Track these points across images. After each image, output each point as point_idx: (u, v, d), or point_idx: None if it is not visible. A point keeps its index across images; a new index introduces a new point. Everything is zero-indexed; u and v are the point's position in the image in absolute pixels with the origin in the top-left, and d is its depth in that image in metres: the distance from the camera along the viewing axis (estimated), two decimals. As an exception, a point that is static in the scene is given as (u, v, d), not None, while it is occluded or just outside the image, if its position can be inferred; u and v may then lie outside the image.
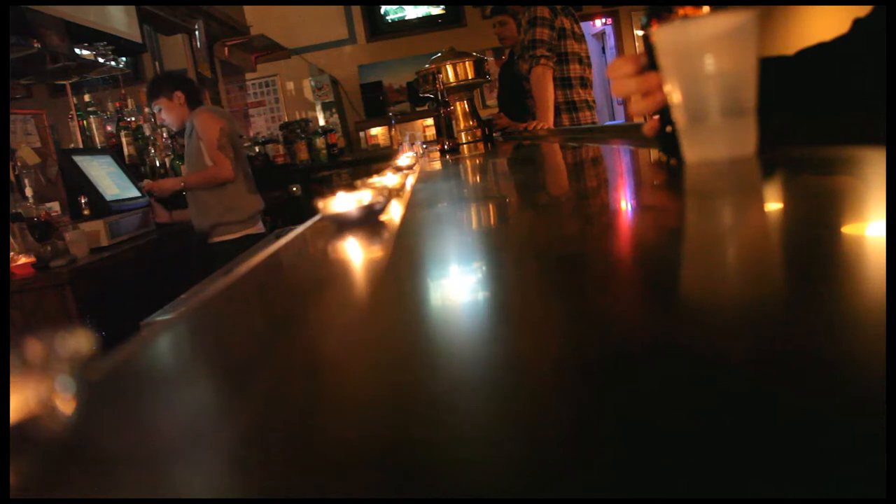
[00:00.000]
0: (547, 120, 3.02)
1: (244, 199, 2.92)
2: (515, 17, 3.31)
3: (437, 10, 6.18)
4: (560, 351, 0.25)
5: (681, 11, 0.65)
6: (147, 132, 3.17)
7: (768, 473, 0.14)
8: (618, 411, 0.18)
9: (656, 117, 0.74)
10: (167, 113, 2.85)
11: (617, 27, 6.49)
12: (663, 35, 0.65)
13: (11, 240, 2.06)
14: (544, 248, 0.47)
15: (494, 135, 3.13)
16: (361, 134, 5.81)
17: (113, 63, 2.96)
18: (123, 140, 3.09)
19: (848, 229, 0.36)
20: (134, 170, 3.00)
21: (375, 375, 0.25)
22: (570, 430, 0.18)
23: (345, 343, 0.31)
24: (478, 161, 2.02)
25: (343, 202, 0.70)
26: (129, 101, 3.24)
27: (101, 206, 2.45)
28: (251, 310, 0.47)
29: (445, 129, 2.54)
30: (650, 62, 0.70)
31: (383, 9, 6.16)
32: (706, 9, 0.64)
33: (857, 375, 0.18)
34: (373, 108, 5.98)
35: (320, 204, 0.71)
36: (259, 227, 3.03)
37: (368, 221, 0.70)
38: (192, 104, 2.86)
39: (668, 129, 0.71)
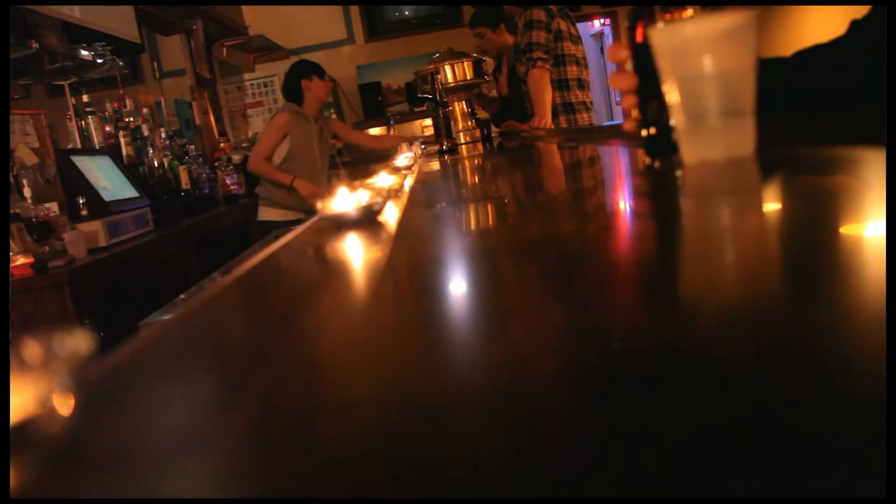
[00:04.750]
0: (545, 121, 3.02)
1: None
2: (512, 19, 3.32)
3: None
4: (556, 350, 0.25)
5: (666, 14, 0.65)
6: (145, 132, 3.16)
7: (769, 473, 0.14)
8: (616, 411, 0.18)
9: (635, 116, 0.74)
10: None
11: (616, 28, 6.49)
12: (661, 36, 0.65)
13: (10, 240, 2.06)
14: (540, 249, 0.47)
15: (493, 135, 3.13)
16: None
17: (111, 63, 2.95)
18: (122, 140, 3.08)
19: (847, 230, 0.36)
20: (132, 170, 2.99)
21: (373, 375, 0.25)
22: (569, 431, 0.18)
23: (342, 343, 0.31)
24: (476, 161, 2.02)
25: (342, 202, 0.70)
26: (128, 102, 3.22)
27: (100, 207, 2.44)
28: (249, 311, 0.47)
29: (444, 130, 2.54)
30: (636, 62, 0.70)
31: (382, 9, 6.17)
32: (689, 11, 0.64)
33: (858, 375, 0.18)
34: (371, 108, 5.97)
35: (319, 204, 0.71)
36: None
37: (367, 222, 0.70)
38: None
39: (652, 130, 0.71)
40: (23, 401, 0.21)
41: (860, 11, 0.77)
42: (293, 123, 3.22)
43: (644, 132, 0.73)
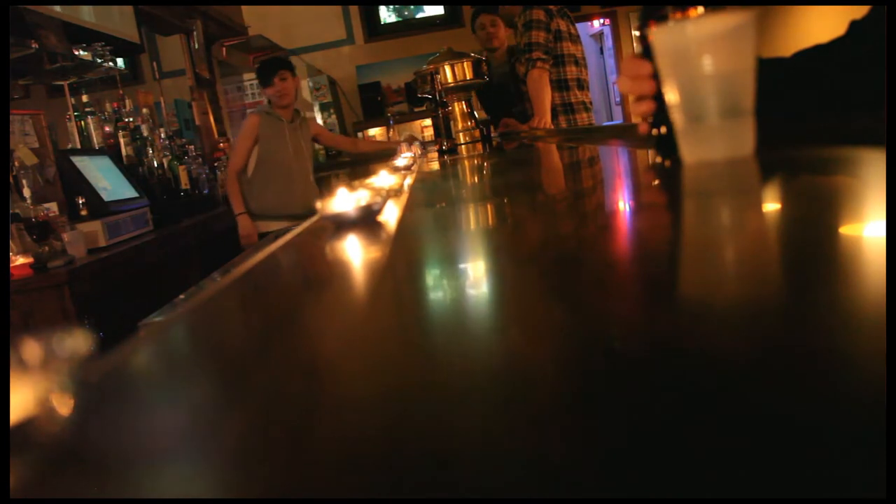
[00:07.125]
0: (545, 121, 3.02)
1: None
2: (511, 19, 3.32)
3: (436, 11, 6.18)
4: (555, 350, 0.25)
5: (676, 13, 0.65)
6: (145, 133, 3.16)
7: (769, 473, 0.14)
8: (615, 411, 0.18)
9: (650, 118, 0.74)
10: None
11: (615, 28, 6.49)
12: (661, 36, 0.66)
13: (9, 240, 2.06)
14: (539, 249, 0.47)
15: (493, 135, 3.13)
16: (359, 134, 5.80)
17: (111, 63, 2.95)
18: (121, 140, 3.08)
19: (847, 229, 0.36)
20: (132, 170, 2.99)
21: (372, 376, 0.25)
22: (568, 430, 0.18)
23: (341, 344, 0.31)
24: (476, 162, 2.02)
25: (341, 202, 0.70)
26: (127, 102, 3.22)
27: (99, 207, 2.44)
28: (248, 311, 0.47)
29: (444, 130, 2.54)
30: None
31: (381, 10, 6.17)
32: (700, 9, 0.64)
33: (858, 375, 0.18)
34: (371, 108, 5.97)
35: (318, 204, 0.71)
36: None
37: (366, 222, 0.70)
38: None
39: (663, 129, 0.71)
40: (23, 401, 0.21)
41: (860, 11, 0.77)
42: (263, 125, 3.10)
43: (655, 132, 0.73)
